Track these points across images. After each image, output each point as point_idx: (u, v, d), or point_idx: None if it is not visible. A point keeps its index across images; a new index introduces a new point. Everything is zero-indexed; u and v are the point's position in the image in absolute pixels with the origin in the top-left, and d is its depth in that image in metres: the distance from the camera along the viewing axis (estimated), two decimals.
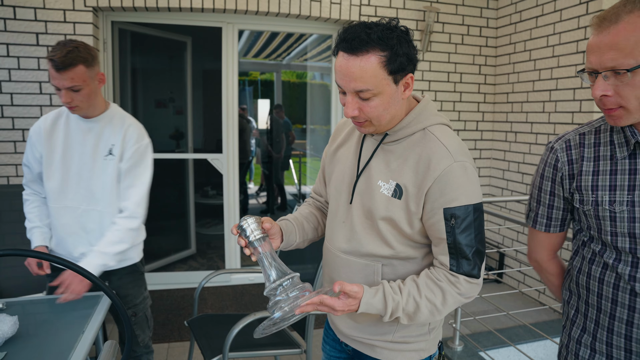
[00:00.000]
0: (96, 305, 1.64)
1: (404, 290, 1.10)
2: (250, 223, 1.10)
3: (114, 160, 1.82)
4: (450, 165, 1.06)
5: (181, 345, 2.94)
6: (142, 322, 2.02)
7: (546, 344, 3.12)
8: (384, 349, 1.24)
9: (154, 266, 4.05)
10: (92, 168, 1.82)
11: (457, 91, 4.04)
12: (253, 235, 1.10)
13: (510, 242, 3.99)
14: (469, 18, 3.98)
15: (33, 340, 1.38)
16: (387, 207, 1.13)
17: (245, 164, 6.88)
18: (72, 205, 1.84)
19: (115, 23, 3.51)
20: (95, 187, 1.83)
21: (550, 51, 3.50)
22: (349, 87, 1.05)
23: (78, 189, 1.83)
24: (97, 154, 1.82)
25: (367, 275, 1.20)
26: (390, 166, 1.15)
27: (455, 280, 1.10)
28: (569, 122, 3.34)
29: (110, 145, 1.83)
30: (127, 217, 1.84)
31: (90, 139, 1.82)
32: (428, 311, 1.10)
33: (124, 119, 1.87)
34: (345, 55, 1.04)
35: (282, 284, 1.06)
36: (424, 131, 1.13)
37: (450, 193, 1.06)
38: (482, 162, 4.21)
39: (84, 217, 1.84)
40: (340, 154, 1.30)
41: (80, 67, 1.68)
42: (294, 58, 7.76)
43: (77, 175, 1.83)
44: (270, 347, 2.16)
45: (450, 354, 2.85)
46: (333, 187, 1.29)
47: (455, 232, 1.08)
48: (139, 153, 1.84)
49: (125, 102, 3.91)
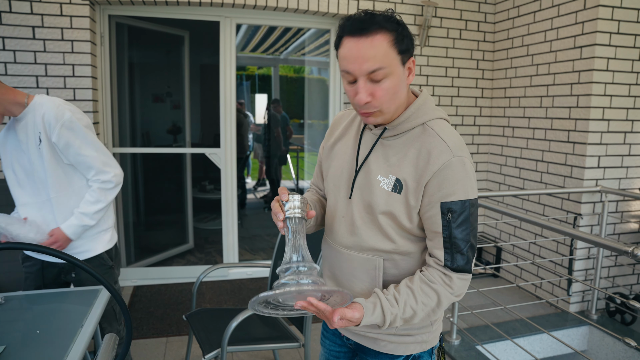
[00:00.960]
0: (95, 298, 1.64)
1: (400, 301, 1.10)
2: (294, 200, 1.08)
3: (43, 146, 1.86)
4: (449, 160, 1.07)
5: (179, 339, 2.95)
6: (109, 315, 2.04)
7: (542, 338, 3.14)
8: (387, 342, 1.25)
9: (152, 261, 4.05)
10: (34, 160, 1.88)
11: (455, 86, 4.04)
12: (291, 211, 1.08)
13: (507, 236, 4.00)
14: (466, 13, 3.98)
15: (32, 334, 1.39)
16: (387, 202, 1.14)
17: (242, 159, 6.88)
18: (29, 201, 1.93)
19: (112, 17, 3.49)
20: (41, 177, 1.89)
21: (547, 46, 3.50)
22: (361, 69, 1.03)
23: (31, 183, 1.91)
24: (33, 146, 1.87)
25: (368, 270, 1.20)
26: (389, 161, 1.15)
27: (449, 280, 1.12)
28: (566, 117, 3.34)
29: (37, 134, 1.87)
30: (96, 174, 1.92)
31: (25, 135, 1.88)
32: (424, 314, 1.13)
33: (42, 106, 1.86)
34: (354, 39, 1.03)
35: (297, 267, 1.04)
36: (423, 126, 1.14)
37: (448, 187, 1.07)
38: (479, 156, 4.22)
39: (42, 209, 1.92)
40: (338, 149, 1.30)
41: None
42: (291, 52, 7.73)
43: (27, 171, 1.91)
44: (269, 341, 2.17)
45: (447, 347, 2.87)
46: (331, 182, 1.28)
47: (452, 227, 1.09)
48: (65, 129, 1.84)
49: (123, 97, 3.90)
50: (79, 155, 1.87)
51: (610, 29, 3.10)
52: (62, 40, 3.09)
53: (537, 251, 3.68)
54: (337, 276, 1.28)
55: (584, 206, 3.26)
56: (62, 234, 1.87)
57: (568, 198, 3.36)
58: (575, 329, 3.25)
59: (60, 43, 3.09)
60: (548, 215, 3.54)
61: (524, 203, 3.77)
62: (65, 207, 1.92)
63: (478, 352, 2.82)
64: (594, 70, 3.13)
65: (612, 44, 3.12)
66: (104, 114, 3.47)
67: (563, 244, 3.43)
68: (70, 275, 2.00)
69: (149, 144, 4.50)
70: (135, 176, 4.25)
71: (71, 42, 3.11)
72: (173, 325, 3.12)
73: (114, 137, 3.63)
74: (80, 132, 1.86)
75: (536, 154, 3.66)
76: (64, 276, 2.00)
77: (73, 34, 3.10)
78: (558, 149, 3.44)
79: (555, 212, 3.47)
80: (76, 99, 3.15)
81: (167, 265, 4.09)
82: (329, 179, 1.29)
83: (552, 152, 3.49)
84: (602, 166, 3.25)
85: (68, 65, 3.11)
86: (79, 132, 1.86)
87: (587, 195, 3.25)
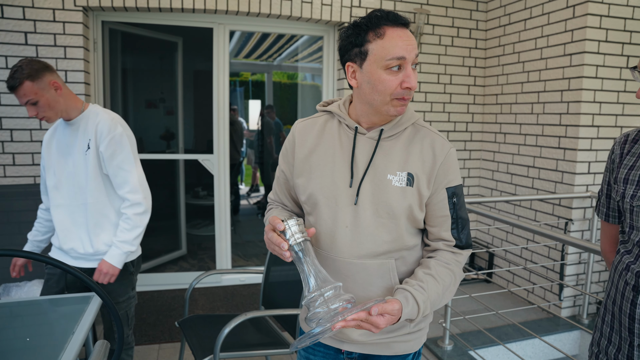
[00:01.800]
0: (86, 305, 1.63)
1: (426, 288, 1.12)
2: (292, 225, 1.06)
3: (91, 153, 1.95)
4: (450, 150, 1.20)
5: (172, 346, 2.94)
6: (122, 319, 2.04)
7: (534, 343, 3.15)
8: (401, 343, 1.25)
9: (145, 267, 4.03)
10: (78, 165, 1.97)
11: (447, 92, 4.07)
12: (294, 239, 1.05)
13: (499, 242, 4.02)
14: (458, 20, 4.02)
15: (23, 341, 1.38)
16: (405, 197, 1.17)
17: (236, 165, 6.87)
18: (64, 202, 2.01)
19: (105, 23, 3.49)
20: (81, 182, 1.98)
21: (538, 53, 3.54)
22: (413, 54, 1.12)
23: (69, 186, 1.99)
24: (80, 151, 1.97)
25: (383, 274, 1.19)
26: (394, 160, 1.18)
27: (460, 257, 1.22)
28: (557, 123, 3.38)
29: (87, 141, 1.96)
30: (131, 206, 1.98)
31: (74, 139, 1.99)
32: (445, 297, 1.19)
33: (97, 115, 1.98)
34: (399, 28, 1.11)
35: (323, 295, 1.00)
36: (414, 125, 1.23)
37: (451, 174, 1.20)
38: (471, 162, 4.25)
39: (75, 213, 2.00)
40: (317, 160, 1.24)
41: (26, 83, 1.82)
42: (285, 59, 7.76)
43: (69, 174, 1.99)
44: (261, 347, 2.17)
45: (440, 353, 2.87)
46: (320, 195, 1.21)
47: (457, 208, 1.21)
48: (114, 142, 1.95)
49: (116, 103, 3.89)
50: (119, 168, 1.96)
51: (598, 37, 3.15)
52: (54, 46, 3.09)
53: (529, 256, 3.70)
54: (349, 288, 1.21)
55: (575, 211, 3.29)
56: (109, 265, 1.94)
57: (559, 204, 3.39)
58: (567, 333, 3.26)
59: (53, 49, 3.08)
60: (540, 220, 3.56)
61: (515, 209, 3.80)
62: (99, 213, 1.99)
63: (470, 357, 2.83)
64: (584, 78, 3.17)
65: (601, 51, 3.17)
66: None
67: (554, 249, 3.45)
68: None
69: (142, 150, 4.49)
70: None
71: (64, 48, 3.10)
72: (165, 331, 3.11)
73: None
74: (126, 147, 1.97)
75: (528, 160, 3.69)
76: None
77: (66, 40, 3.10)
78: (549, 155, 3.47)
79: (547, 218, 3.50)
80: None
81: (160, 272, 4.07)
82: (316, 192, 1.22)
83: (543, 158, 3.52)
84: (592, 172, 3.29)
85: (61, 72, 3.10)
86: (125, 147, 1.97)
87: (578, 201, 3.29)
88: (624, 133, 1.31)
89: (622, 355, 1.20)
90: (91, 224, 1.98)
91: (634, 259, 1.17)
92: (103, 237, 1.99)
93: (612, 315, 1.25)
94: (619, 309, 1.20)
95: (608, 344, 1.25)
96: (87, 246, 1.99)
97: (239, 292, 3.81)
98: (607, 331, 1.26)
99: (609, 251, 1.40)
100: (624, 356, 1.19)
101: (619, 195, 1.22)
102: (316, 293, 1.01)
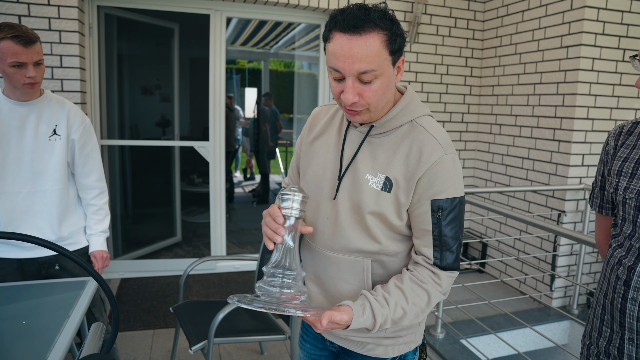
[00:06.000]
0: (82, 289, 1.64)
1: (390, 302, 1.07)
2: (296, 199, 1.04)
3: (61, 140, 1.90)
4: (441, 157, 1.06)
5: (166, 331, 2.96)
6: (97, 304, 2.07)
7: (525, 332, 3.20)
8: (375, 346, 1.21)
9: (139, 253, 4.04)
10: (36, 149, 1.86)
11: (444, 83, 4.07)
12: (289, 211, 1.04)
13: (492, 232, 4.06)
14: (456, 10, 4.01)
15: (18, 325, 1.39)
16: (377, 201, 1.10)
17: (231, 153, 6.86)
18: (12, 190, 1.85)
19: (101, 8, 3.45)
20: (41, 168, 1.87)
21: (535, 45, 3.54)
22: (351, 69, 0.98)
23: (19, 172, 1.85)
24: (39, 135, 1.86)
25: (356, 272, 1.16)
26: (377, 159, 1.12)
27: (438, 279, 1.11)
28: (552, 115, 3.39)
29: (53, 126, 1.89)
30: (99, 195, 2.05)
31: (30, 121, 1.85)
32: (414, 315, 1.11)
33: (64, 103, 1.96)
34: (346, 36, 0.97)
35: (283, 275, 1.01)
36: (411, 123, 1.12)
37: (439, 185, 1.06)
38: (466, 153, 4.27)
39: (27, 200, 1.87)
40: (318, 147, 1.23)
41: (39, 42, 1.79)
42: (281, 47, 7.72)
43: (16, 159, 1.84)
44: (255, 334, 2.19)
45: (432, 341, 2.91)
46: (312, 182, 1.21)
47: (442, 224, 1.08)
48: (86, 131, 1.99)
49: (111, 88, 3.87)
50: (89, 157, 2.00)
51: (595, 29, 3.15)
52: (49, 30, 3.06)
53: (522, 247, 3.74)
54: (321, 279, 1.22)
55: (568, 203, 3.32)
56: (101, 251, 2.04)
57: (553, 195, 3.42)
58: (557, 323, 3.31)
59: (47, 33, 3.05)
60: (533, 212, 3.59)
61: (509, 200, 3.83)
62: (64, 200, 1.95)
63: (462, 346, 2.87)
64: (580, 70, 3.17)
65: (598, 44, 3.17)
66: (92, 105, 3.45)
67: (547, 240, 3.49)
68: (53, 269, 1.97)
69: (138, 136, 4.48)
70: (123, 169, 4.22)
71: (59, 32, 3.07)
72: (160, 317, 3.13)
73: (102, 128, 3.60)
74: (94, 137, 2.05)
75: (522, 152, 3.71)
76: (44, 271, 1.96)
77: (61, 24, 3.07)
78: (544, 146, 3.49)
79: (540, 209, 3.53)
80: (64, 90, 3.12)
81: (155, 258, 4.08)
82: (309, 178, 1.23)
83: (538, 149, 3.54)
84: (586, 164, 3.31)
85: (56, 56, 3.08)
86: (94, 137, 2.04)
87: (571, 193, 3.31)
88: (618, 125, 1.30)
89: (612, 348, 1.22)
90: (56, 211, 1.92)
91: (625, 252, 1.18)
92: (67, 223, 1.96)
93: (603, 308, 1.26)
94: (611, 302, 1.22)
95: (599, 337, 1.27)
96: (47, 234, 1.91)
97: (233, 279, 3.83)
98: (598, 324, 1.28)
99: (604, 243, 1.41)
100: (615, 348, 1.21)
101: (612, 187, 1.22)
102: (279, 270, 1.02)
